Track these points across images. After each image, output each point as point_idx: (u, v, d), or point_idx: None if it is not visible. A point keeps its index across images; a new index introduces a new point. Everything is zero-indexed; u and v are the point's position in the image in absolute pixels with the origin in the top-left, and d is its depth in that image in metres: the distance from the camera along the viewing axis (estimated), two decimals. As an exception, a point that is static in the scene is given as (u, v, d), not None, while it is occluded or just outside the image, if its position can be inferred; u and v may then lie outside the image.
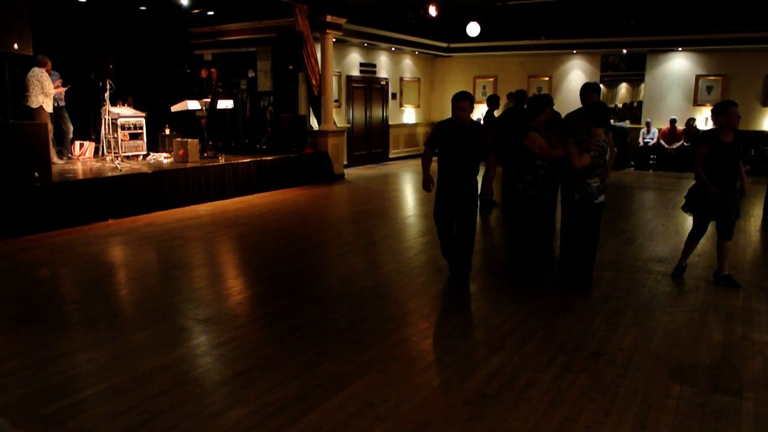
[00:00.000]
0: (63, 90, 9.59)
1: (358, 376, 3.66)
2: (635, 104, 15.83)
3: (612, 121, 13.96)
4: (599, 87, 6.01)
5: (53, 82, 9.14)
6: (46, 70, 8.94)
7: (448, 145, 5.24)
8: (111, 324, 4.46)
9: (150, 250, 6.83)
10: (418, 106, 17.90)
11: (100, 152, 10.35)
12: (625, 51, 15.54)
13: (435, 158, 5.36)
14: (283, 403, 3.32)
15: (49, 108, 8.96)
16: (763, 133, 14.39)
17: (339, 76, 14.28)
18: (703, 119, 14.85)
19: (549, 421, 3.18)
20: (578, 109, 5.82)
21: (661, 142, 14.76)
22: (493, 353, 4.03)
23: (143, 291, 5.35)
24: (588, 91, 5.80)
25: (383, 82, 16.15)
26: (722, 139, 5.28)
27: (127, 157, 10.12)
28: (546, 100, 5.43)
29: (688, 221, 9.01)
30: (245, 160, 10.52)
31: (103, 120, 9.90)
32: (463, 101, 5.19)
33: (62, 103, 9.81)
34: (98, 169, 9.09)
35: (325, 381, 3.59)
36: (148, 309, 4.83)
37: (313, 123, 13.00)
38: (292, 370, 3.72)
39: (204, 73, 11.87)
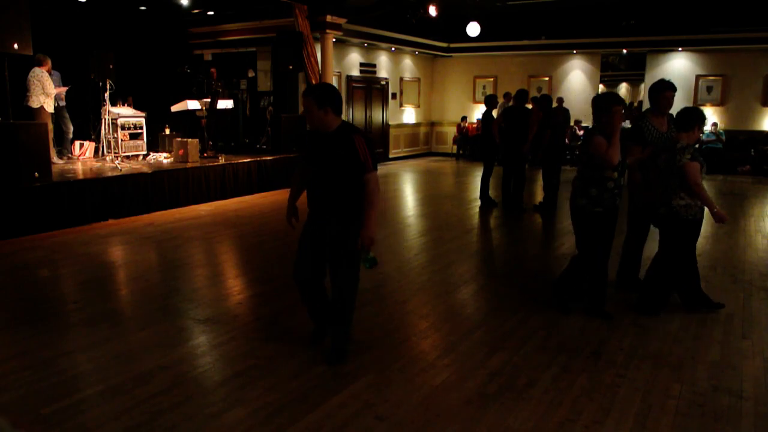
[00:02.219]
0: (64, 90, 9.59)
1: (358, 376, 3.66)
2: (635, 104, 15.83)
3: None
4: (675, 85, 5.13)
5: (53, 83, 9.14)
6: (47, 70, 8.94)
7: (310, 160, 3.77)
8: (111, 324, 4.46)
9: (150, 250, 6.83)
10: (418, 106, 17.91)
11: (100, 152, 10.35)
12: (625, 51, 15.55)
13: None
14: (283, 403, 3.32)
15: (50, 108, 8.96)
16: (763, 133, 14.40)
17: (339, 76, 14.28)
18: (703, 119, 14.84)
19: (549, 421, 3.18)
20: (648, 110, 5.12)
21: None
22: (493, 353, 4.03)
23: (143, 291, 5.35)
24: (667, 89, 4.98)
25: (383, 82, 16.15)
26: None
27: (127, 157, 10.12)
28: (613, 99, 4.50)
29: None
30: (245, 160, 10.52)
31: (103, 120, 9.90)
32: (306, 97, 3.60)
33: (63, 103, 9.81)
34: (98, 169, 9.08)
35: (325, 381, 3.59)
36: (148, 309, 4.83)
37: (313, 123, 12.97)
38: (292, 370, 3.71)
39: (215, 74, 11.93)
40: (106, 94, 9.58)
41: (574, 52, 16.12)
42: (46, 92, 8.82)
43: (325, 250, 3.74)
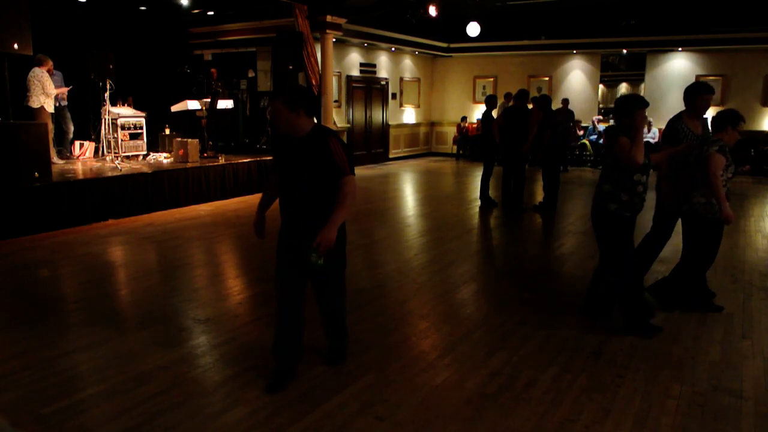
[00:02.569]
0: (65, 90, 9.60)
1: (358, 376, 3.66)
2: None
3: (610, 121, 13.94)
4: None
5: (56, 84, 9.14)
6: (47, 70, 8.95)
7: (281, 166, 3.46)
8: (111, 324, 4.46)
9: (150, 250, 6.83)
10: (418, 106, 17.90)
11: (100, 152, 10.36)
12: (625, 51, 15.55)
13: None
14: (283, 403, 3.32)
15: (50, 108, 8.96)
16: (763, 133, 14.40)
17: (339, 76, 14.28)
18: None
19: (549, 421, 3.18)
20: (683, 112, 4.92)
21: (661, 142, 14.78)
22: (493, 353, 4.03)
23: (143, 291, 5.35)
24: (706, 92, 4.80)
25: (383, 82, 16.15)
26: None
27: (127, 157, 10.12)
28: (636, 103, 4.25)
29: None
30: (245, 160, 10.52)
31: (103, 120, 9.90)
32: (274, 102, 3.33)
33: (64, 103, 9.82)
34: (98, 169, 9.08)
35: (325, 381, 3.59)
36: (148, 309, 4.82)
37: (313, 123, 12.97)
38: (292, 370, 3.71)
39: (215, 74, 11.94)
40: (106, 94, 9.58)
41: (574, 52, 16.12)
42: (46, 92, 8.83)
43: (306, 260, 3.32)
